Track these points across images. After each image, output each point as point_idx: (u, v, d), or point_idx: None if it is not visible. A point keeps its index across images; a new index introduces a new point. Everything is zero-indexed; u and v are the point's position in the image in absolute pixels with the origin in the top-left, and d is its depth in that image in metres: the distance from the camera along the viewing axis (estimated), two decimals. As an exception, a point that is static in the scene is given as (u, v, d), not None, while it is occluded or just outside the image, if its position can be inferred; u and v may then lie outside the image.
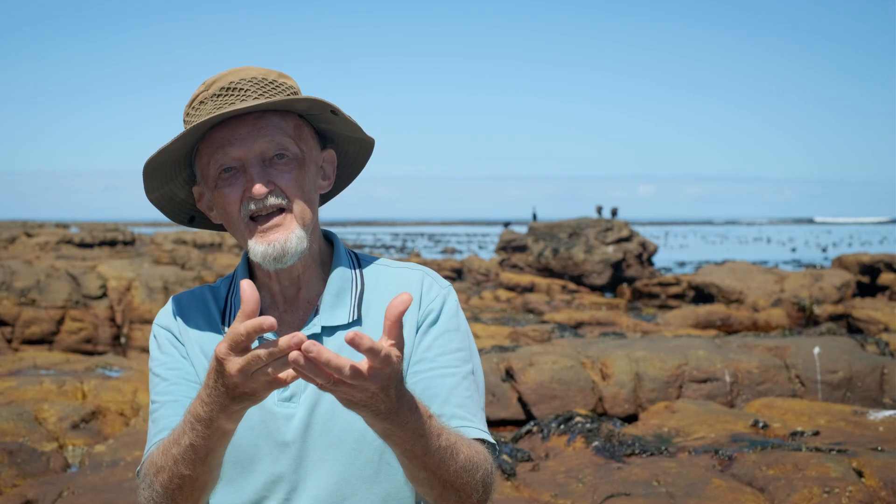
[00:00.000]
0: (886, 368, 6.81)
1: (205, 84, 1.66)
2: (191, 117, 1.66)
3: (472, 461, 1.56)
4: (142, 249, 27.29)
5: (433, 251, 49.40)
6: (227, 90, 1.63)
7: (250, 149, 1.62)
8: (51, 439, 5.80)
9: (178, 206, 1.80)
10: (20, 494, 4.73)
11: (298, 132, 1.67)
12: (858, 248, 49.42)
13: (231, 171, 1.64)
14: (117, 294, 13.03)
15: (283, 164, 1.64)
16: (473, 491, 1.57)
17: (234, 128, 1.62)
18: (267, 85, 1.65)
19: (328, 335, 1.68)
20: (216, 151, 1.63)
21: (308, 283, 1.73)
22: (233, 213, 1.65)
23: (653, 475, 4.61)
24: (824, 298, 16.58)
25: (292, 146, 1.65)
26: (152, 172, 1.67)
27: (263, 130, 1.62)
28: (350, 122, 1.69)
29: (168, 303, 1.80)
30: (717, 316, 14.88)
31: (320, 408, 1.64)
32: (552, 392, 6.60)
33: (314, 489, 1.64)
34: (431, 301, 1.72)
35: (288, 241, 1.62)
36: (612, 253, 22.98)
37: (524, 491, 4.66)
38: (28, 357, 8.78)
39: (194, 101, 1.67)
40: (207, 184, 1.68)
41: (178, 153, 1.67)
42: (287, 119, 1.66)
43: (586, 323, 13.89)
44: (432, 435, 1.47)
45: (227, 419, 1.42)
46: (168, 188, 1.75)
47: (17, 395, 6.61)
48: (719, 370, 6.77)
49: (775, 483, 4.34)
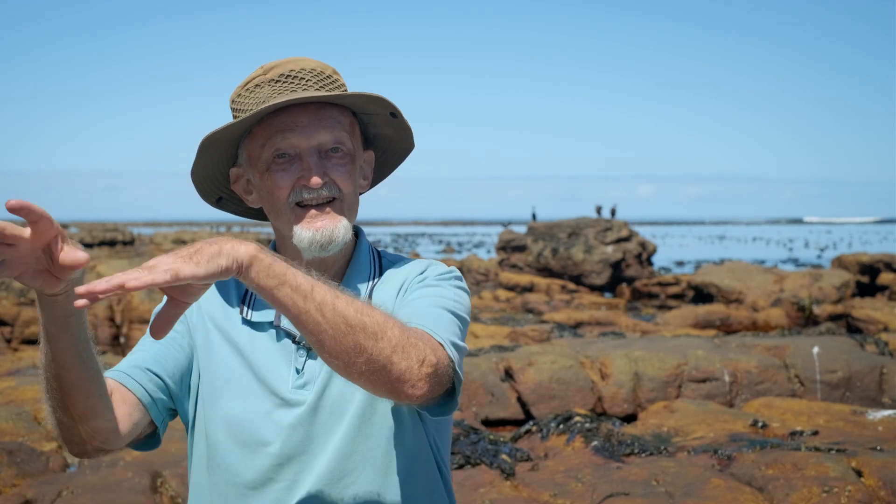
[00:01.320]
0: (885, 368, 6.81)
1: (262, 68, 1.67)
2: (244, 99, 1.67)
3: (383, 314, 1.45)
4: (141, 249, 27.30)
5: (432, 251, 49.43)
6: (287, 77, 1.64)
7: (310, 138, 1.63)
8: (50, 439, 5.79)
9: (211, 186, 1.81)
10: (19, 494, 4.73)
11: (353, 129, 1.70)
12: (844, 249, 49.48)
13: (286, 158, 1.64)
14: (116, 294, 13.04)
15: (339, 157, 1.66)
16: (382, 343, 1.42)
17: (296, 115, 1.63)
18: (325, 78, 1.67)
19: None
20: (274, 135, 1.63)
21: (332, 276, 1.73)
22: (281, 199, 1.65)
23: (652, 475, 4.61)
24: (824, 298, 16.59)
25: (348, 141, 1.67)
26: (206, 149, 1.67)
27: (325, 122, 1.64)
28: (404, 127, 1.73)
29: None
30: (717, 316, 14.88)
31: (329, 392, 1.65)
32: (551, 392, 6.61)
33: (318, 468, 1.64)
34: (431, 267, 1.75)
35: (336, 230, 1.64)
36: (611, 253, 22.98)
37: (523, 490, 4.66)
38: (27, 357, 8.78)
39: (249, 83, 1.67)
40: (256, 167, 1.68)
41: (231, 134, 1.67)
42: (345, 114, 1.68)
43: (586, 323, 13.89)
44: (299, 274, 1.39)
45: (39, 294, 1.36)
46: (208, 167, 1.75)
47: (17, 395, 6.61)
48: (718, 370, 6.78)
49: (774, 483, 4.34)
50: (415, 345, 1.46)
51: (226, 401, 1.68)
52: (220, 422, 1.68)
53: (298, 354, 1.68)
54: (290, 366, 1.68)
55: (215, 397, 1.70)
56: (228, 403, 1.68)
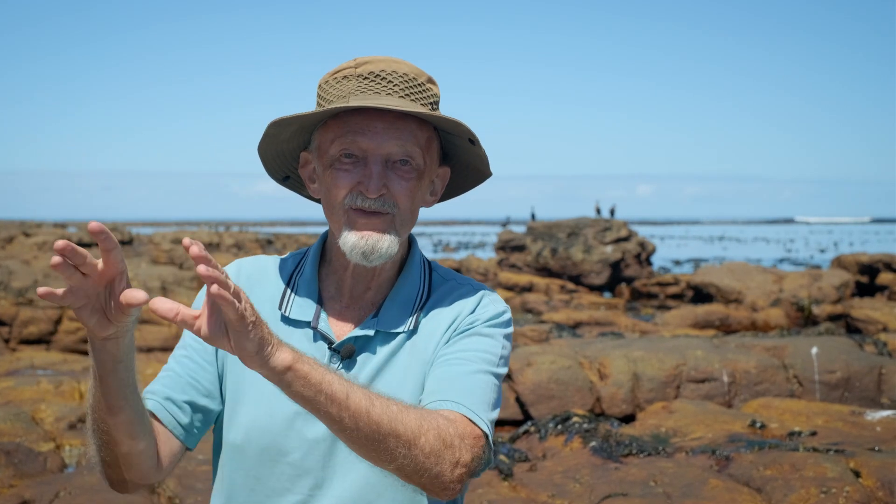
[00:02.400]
0: (884, 368, 6.81)
1: (355, 61, 1.64)
2: (330, 86, 1.64)
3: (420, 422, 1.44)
4: (140, 249, 27.28)
5: (432, 251, 49.42)
6: (376, 76, 1.61)
7: (380, 146, 1.60)
8: (48, 439, 5.79)
9: (280, 163, 1.78)
10: (17, 495, 4.73)
11: (429, 144, 1.65)
12: (831, 249, 49.53)
13: (352, 159, 1.61)
14: (115, 294, 13.03)
15: (405, 171, 1.62)
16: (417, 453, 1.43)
17: (372, 119, 1.60)
18: (416, 86, 1.63)
19: (381, 341, 1.66)
20: (345, 134, 1.60)
21: (379, 284, 1.71)
22: (337, 198, 1.62)
23: (650, 475, 4.60)
24: (823, 298, 16.59)
25: (419, 157, 1.63)
26: (275, 129, 1.65)
27: (399, 132, 1.60)
28: (482, 154, 1.69)
29: (230, 266, 1.76)
30: (716, 316, 14.88)
31: None
32: (550, 392, 6.60)
33: (339, 490, 1.61)
34: (485, 308, 1.70)
35: (381, 242, 1.60)
36: (610, 253, 22.98)
37: (521, 491, 4.65)
38: (26, 357, 8.78)
39: (338, 73, 1.64)
40: (322, 160, 1.65)
41: (307, 120, 1.64)
42: (423, 128, 1.64)
43: (585, 323, 13.88)
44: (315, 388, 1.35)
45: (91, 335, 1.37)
46: (277, 144, 1.72)
47: (15, 395, 6.60)
48: (717, 370, 6.77)
49: (772, 483, 4.34)
50: (450, 445, 1.46)
51: (249, 404, 1.65)
52: (241, 426, 1.65)
53: (332, 361, 1.65)
54: None
55: (239, 400, 1.66)
56: (251, 407, 1.64)
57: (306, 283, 1.71)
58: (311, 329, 1.67)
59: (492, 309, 1.71)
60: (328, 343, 1.66)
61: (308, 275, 1.72)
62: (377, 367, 1.64)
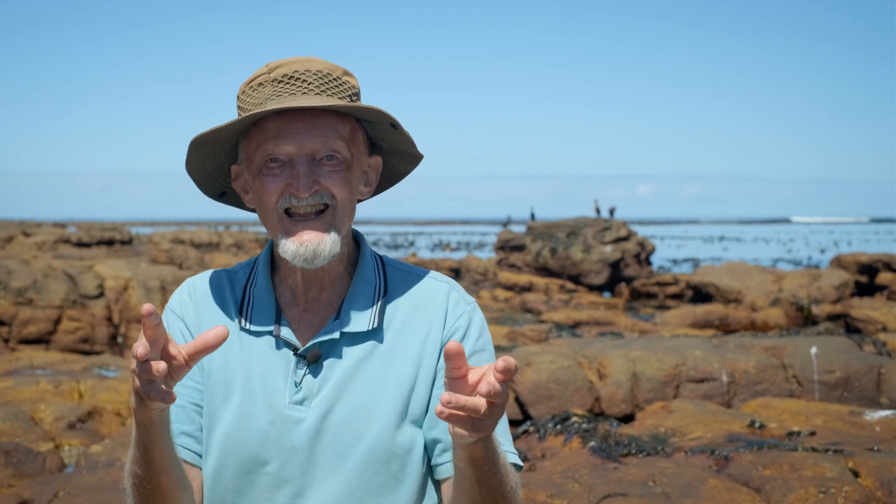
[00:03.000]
0: (883, 368, 6.81)
1: (268, 66, 1.63)
2: (247, 96, 1.63)
3: (515, 483, 1.55)
4: (139, 249, 27.27)
5: (431, 250, 49.39)
6: (290, 78, 1.60)
7: (302, 146, 1.59)
8: (47, 439, 5.79)
9: (213, 181, 1.77)
10: (16, 495, 4.73)
11: (353, 136, 1.64)
12: (818, 250, 49.53)
13: (277, 163, 1.60)
14: (114, 293, 13.02)
15: (332, 165, 1.61)
16: None
17: (290, 121, 1.59)
18: (331, 81, 1.62)
19: (347, 342, 1.65)
20: (267, 141, 1.60)
21: (332, 284, 1.70)
22: (269, 204, 1.62)
23: (649, 475, 4.60)
24: (822, 298, 16.59)
25: (344, 150, 1.62)
26: (196, 148, 1.64)
27: (319, 130, 1.59)
28: (406, 137, 1.68)
29: (184, 286, 1.76)
30: (716, 316, 14.88)
31: (333, 416, 1.60)
32: (549, 392, 6.60)
33: (320, 498, 1.60)
34: (458, 318, 1.69)
35: (321, 244, 1.60)
36: (610, 252, 22.98)
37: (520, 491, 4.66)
38: (25, 357, 8.77)
39: (253, 81, 1.63)
40: (250, 169, 1.65)
41: (227, 133, 1.64)
42: (344, 121, 1.63)
43: (584, 322, 13.89)
44: (499, 452, 1.46)
45: (142, 412, 1.40)
46: (207, 162, 1.72)
47: (14, 395, 6.60)
48: (716, 370, 6.77)
49: (771, 483, 4.34)
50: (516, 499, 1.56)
51: (224, 418, 1.64)
52: (217, 444, 1.65)
53: (298, 367, 1.64)
54: (287, 379, 1.63)
55: (214, 415, 1.66)
56: (227, 421, 1.64)
57: (261, 293, 1.70)
58: (273, 337, 1.66)
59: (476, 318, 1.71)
60: (292, 349, 1.65)
61: (262, 284, 1.71)
62: (348, 370, 1.63)
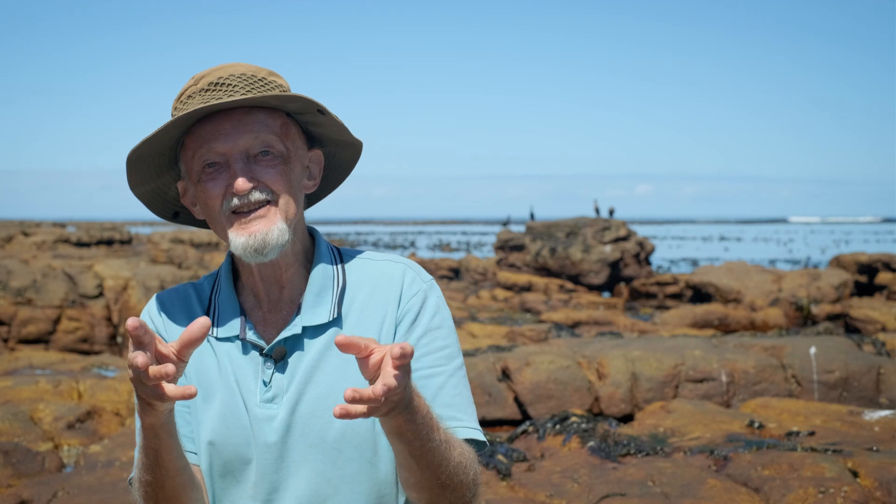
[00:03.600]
0: (882, 368, 6.81)
1: (194, 78, 1.65)
2: (178, 111, 1.64)
3: (465, 458, 1.57)
4: (139, 249, 27.27)
5: (430, 250, 49.39)
6: (216, 85, 1.62)
7: (234, 144, 1.61)
8: (46, 439, 5.79)
9: (162, 202, 1.79)
10: (15, 495, 4.73)
11: (285, 130, 1.66)
12: (811, 249, 49.57)
13: (215, 167, 1.62)
14: (114, 293, 13.02)
15: (268, 160, 1.63)
16: (467, 490, 1.58)
17: (219, 123, 1.61)
18: (256, 82, 1.64)
19: (310, 336, 1.67)
20: (200, 146, 1.62)
21: (291, 282, 1.71)
22: (214, 208, 1.63)
23: (648, 475, 4.60)
24: (822, 298, 16.59)
25: (277, 144, 1.63)
26: (135, 164, 1.66)
27: (249, 127, 1.61)
28: (337, 123, 1.68)
29: (151, 301, 1.79)
30: (715, 315, 14.88)
31: (300, 408, 1.63)
32: (548, 392, 6.60)
33: (296, 489, 1.63)
34: (412, 297, 1.70)
35: (269, 233, 1.61)
36: (609, 252, 22.98)
37: (519, 491, 4.65)
38: (24, 357, 8.77)
39: (182, 95, 1.65)
40: (191, 178, 1.66)
41: (163, 146, 1.65)
42: (274, 116, 1.65)
43: (583, 322, 13.89)
44: (434, 428, 1.48)
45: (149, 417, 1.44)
46: (154, 183, 1.74)
47: (13, 395, 6.60)
48: (716, 370, 6.77)
49: (770, 483, 4.34)
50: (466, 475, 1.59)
51: (207, 420, 1.68)
52: (204, 443, 1.68)
53: (266, 367, 1.66)
54: (257, 378, 1.66)
55: (198, 417, 1.70)
56: (210, 424, 1.67)
57: (225, 300, 1.72)
58: (240, 341, 1.69)
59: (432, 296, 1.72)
60: (259, 350, 1.68)
61: (225, 292, 1.73)
62: (311, 363, 1.66)
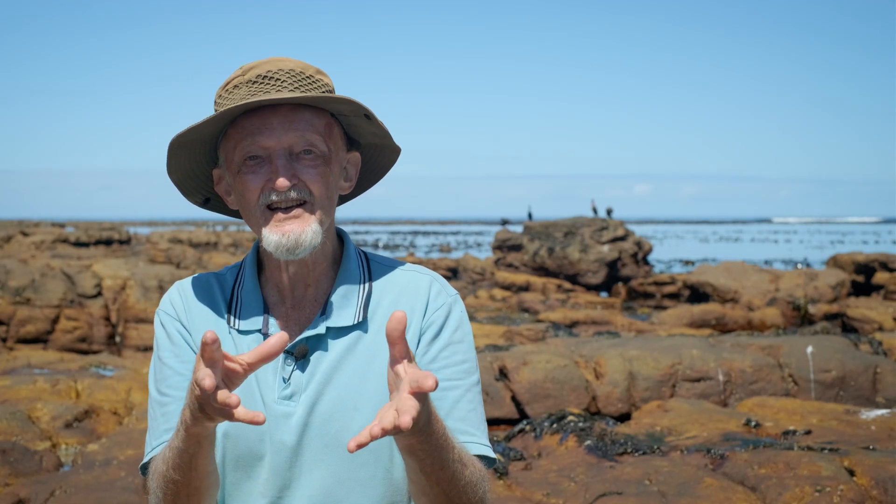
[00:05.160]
0: (879, 368, 6.83)
1: (242, 69, 1.65)
2: (223, 100, 1.65)
3: (476, 476, 1.57)
4: (137, 248, 27.28)
5: (429, 250, 49.38)
6: (264, 78, 1.62)
7: (279, 140, 1.61)
8: (44, 438, 5.80)
9: (195, 186, 1.79)
10: (12, 493, 4.74)
11: (329, 131, 1.66)
12: (803, 248, 49.54)
13: (256, 160, 1.63)
14: (112, 293, 13.02)
15: (310, 160, 1.63)
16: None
17: (266, 117, 1.61)
18: (304, 79, 1.64)
19: (333, 337, 1.67)
20: (245, 138, 1.62)
21: (317, 281, 1.71)
22: (251, 201, 1.64)
23: (645, 474, 4.61)
24: (819, 298, 16.61)
25: (321, 144, 1.64)
26: (177, 149, 1.66)
27: (295, 124, 1.62)
28: (381, 129, 1.70)
29: (172, 289, 1.78)
30: (712, 315, 14.89)
31: (319, 408, 1.63)
32: (546, 391, 6.61)
33: (308, 489, 1.63)
34: (437, 310, 1.70)
35: (304, 234, 1.61)
36: (607, 252, 23.00)
37: (516, 490, 4.66)
38: (22, 356, 8.78)
39: (228, 84, 1.65)
40: (230, 168, 1.67)
41: (206, 134, 1.66)
42: (319, 116, 1.65)
43: (581, 322, 13.90)
44: (449, 448, 1.48)
45: (198, 428, 1.43)
46: (189, 168, 1.74)
47: (11, 394, 6.60)
48: (713, 369, 6.79)
49: (767, 482, 4.35)
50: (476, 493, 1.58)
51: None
52: (218, 437, 1.66)
53: (286, 364, 1.66)
54: (276, 375, 1.66)
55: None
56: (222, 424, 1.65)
57: (249, 293, 1.72)
58: (261, 335, 1.68)
59: (456, 310, 1.73)
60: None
61: (249, 285, 1.73)
62: (332, 364, 1.66)
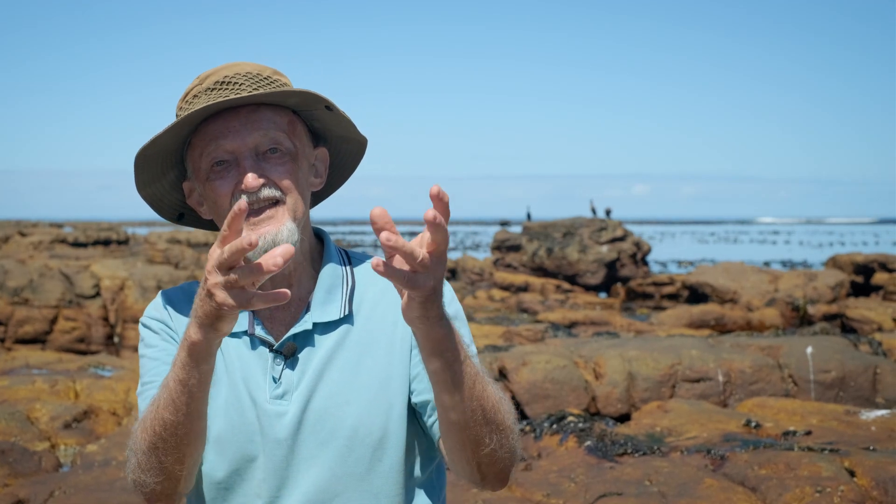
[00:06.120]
0: (879, 368, 6.82)
1: (199, 78, 1.65)
2: (183, 111, 1.65)
3: (505, 403, 1.54)
4: (136, 249, 27.25)
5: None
6: (222, 84, 1.62)
7: (243, 142, 1.61)
8: (43, 439, 5.79)
9: (168, 203, 1.79)
10: (11, 494, 4.73)
11: (292, 127, 1.66)
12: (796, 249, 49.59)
13: (223, 165, 1.62)
14: (111, 293, 13.01)
15: (277, 158, 1.63)
16: (511, 435, 1.54)
17: (228, 121, 1.61)
18: (262, 80, 1.64)
19: (320, 332, 1.67)
20: (209, 144, 1.62)
21: (299, 280, 1.71)
22: (223, 206, 1.62)
23: (645, 475, 4.61)
24: (818, 298, 16.61)
25: (286, 141, 1.64)
26: (143, 164, 1.66)
27: (257, 124, 1.61)
28: (344, 119, 1.69)
29: (157, 297, 1.78)
30: (711, 316, 14.89)
31: (312, 405, 1.63)
32: (545, 391, 6.60)
33: (304, 486, 1.62)
34: None
35: (279, 234, 1.59)
36: (606, 252, 23.00)
37: (516, 490, 4.66)
38: (21, 356, 8.76)
39: (188, 94, 1.66)
40: (199, 177, 1.66)
41: (170, 146, 1.65)
42: (281, 114, 1.65)
43: (580, 322, 13.89)
44: (468, 356, 1.46)
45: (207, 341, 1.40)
46: (160, 184, 1.73)
47: (10, 395, 6.59)
48: (712, 370, 6.78)
49: (767, 482, 4.35)
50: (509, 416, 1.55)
51: (212, 415, 1.65)
52: (210, 439, 1.65)
53: (275, 363, 1.66)
54: (266, 374, 1.66)
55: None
56: (216, 419, 1.65)
57: None
58: (248, 336, 1.68)
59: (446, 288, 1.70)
60: (268, 346, 1.67)
61: None
62: (322, 360, 1.65)
